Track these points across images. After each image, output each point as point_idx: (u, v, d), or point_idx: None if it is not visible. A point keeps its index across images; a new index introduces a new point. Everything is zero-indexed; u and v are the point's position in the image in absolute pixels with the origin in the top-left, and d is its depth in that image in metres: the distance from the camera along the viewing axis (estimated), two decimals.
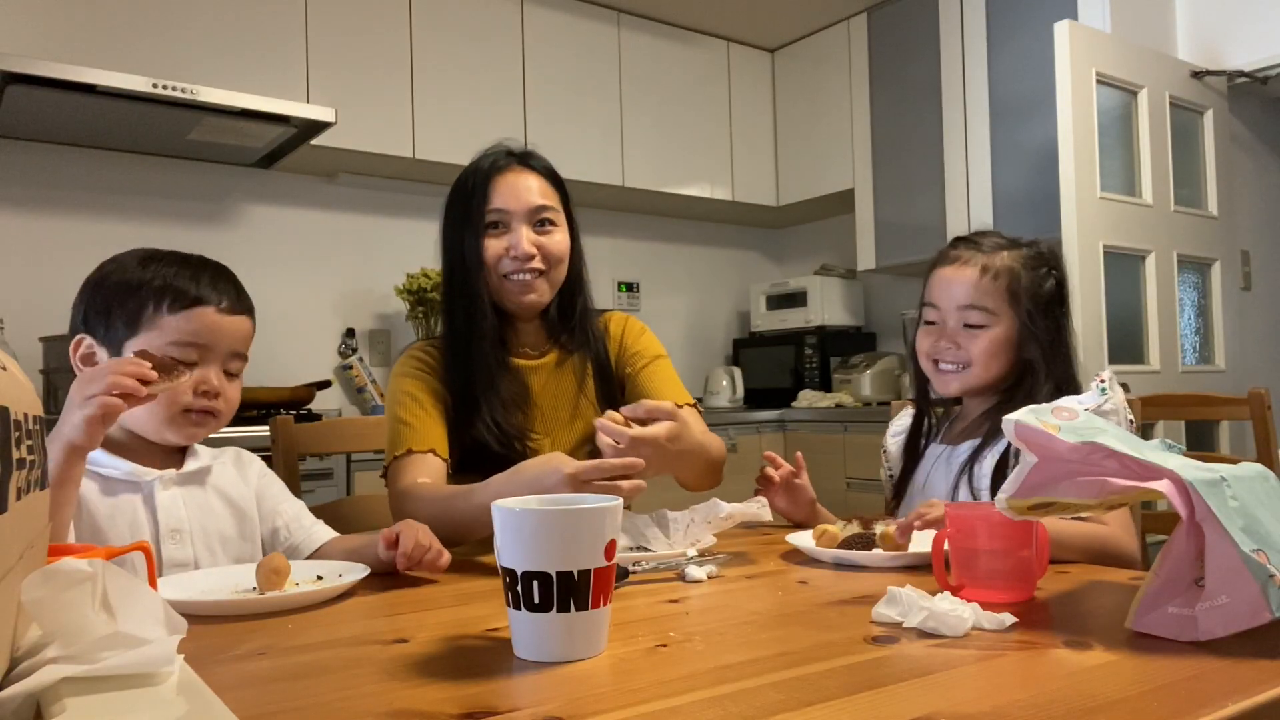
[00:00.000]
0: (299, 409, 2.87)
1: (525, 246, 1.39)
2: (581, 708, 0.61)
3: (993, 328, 1.34)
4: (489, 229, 1.40)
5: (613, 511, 0.75)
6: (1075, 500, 0.81)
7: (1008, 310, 1.35)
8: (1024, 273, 1.36)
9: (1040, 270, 1.38)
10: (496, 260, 1.40)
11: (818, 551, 1.13)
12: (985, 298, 1.34)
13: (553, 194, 1.45)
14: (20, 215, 2.81)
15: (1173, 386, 2.89)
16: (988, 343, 1.34)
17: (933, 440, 1.46)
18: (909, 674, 0.67)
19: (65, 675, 0.52)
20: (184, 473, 1.17)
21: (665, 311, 4.19)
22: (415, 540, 1.05)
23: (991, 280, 1.35)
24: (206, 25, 2.80)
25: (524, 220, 1.41)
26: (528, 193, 1.41)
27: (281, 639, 0.82)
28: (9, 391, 0.54)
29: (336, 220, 3.37)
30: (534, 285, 1.42)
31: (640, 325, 1.58)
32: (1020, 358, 1.36)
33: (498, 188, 1.41)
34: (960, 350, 1.36)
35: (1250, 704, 0.60)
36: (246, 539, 1.21)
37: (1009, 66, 3.27)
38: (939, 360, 1.38)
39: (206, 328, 1.14)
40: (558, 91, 3.52)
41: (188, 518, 1.15)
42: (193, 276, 1.15)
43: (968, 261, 1.37)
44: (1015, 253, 1.38)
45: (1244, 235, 3.41)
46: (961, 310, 1.35)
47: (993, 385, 1.38)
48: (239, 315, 1.18)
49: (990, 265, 1.36)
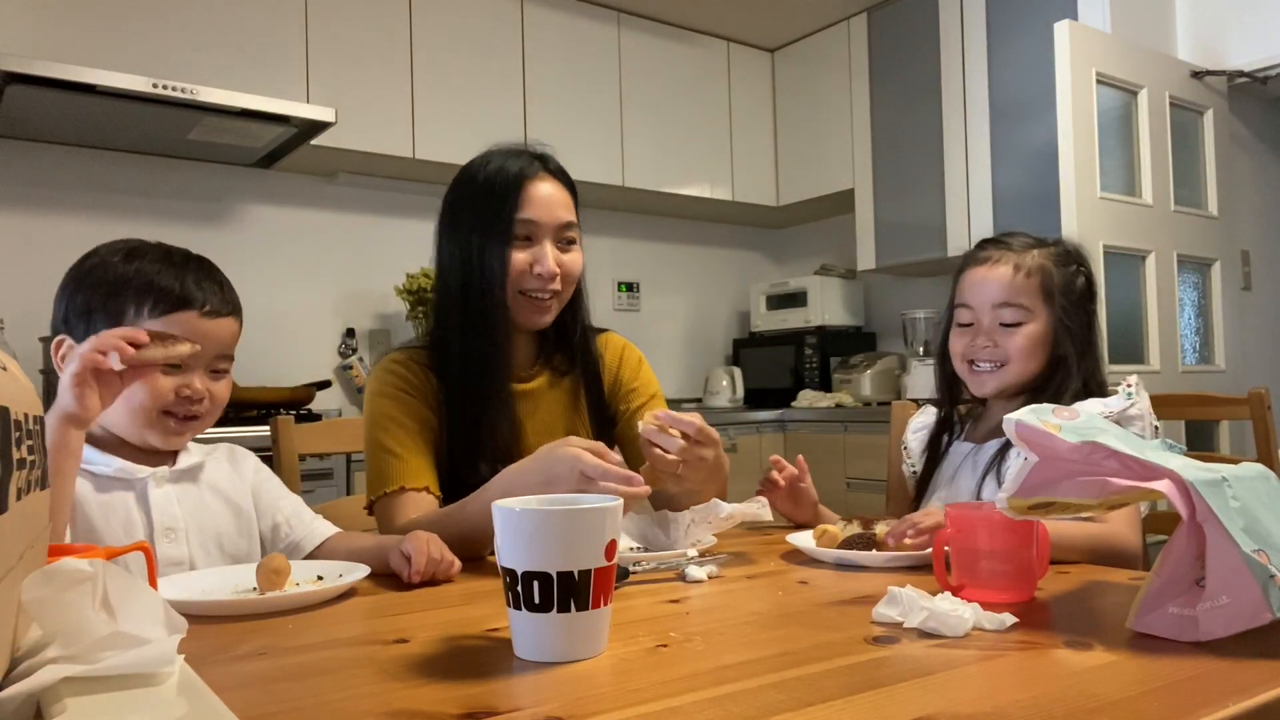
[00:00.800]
0: (299, 409, 2.87)
1: (551, 265, 1.31)
2: (581, 708, 0.61)
3: (1029, 324, 1.35)
4: (516, 240, 1.31)
5: (613, 511, 0.75)
6: (1076, 500, 0.81)
7: (1042, 307, 1.36)
8: (1056, 270, 1.37)
9: (1070, 268, 1.39)
10: (520, 274, 1.31)
11: (818, 551, 1.13)
12: (1020, 295, 1.35)
13: (573, 208, 1.37)
14: (20, 215, 2.81)
15: (1173, 386, 2.89)
16: (1024, 340, 1.35)
17: (957, 439, 1.46)
18: (909, 674, 0.67)
19: (65, 675, 0.52)
20: (177, 469, 1.16)
21: (665, 311, 4.19)
22: (426, 555, 1.04)
23: (1025, 278, 1.36)
24: (206, 25, 2.80)
25: (551, 235, 1.33)
26: (559, 208, 1.34)
27: (281, 639, 0.82)
28: (9, 391, 0.54)
29: (336, 220, 3.37)
30: (549, 306, 1.35)
31: (638, 355, 1.52)
32: (1054, 354, 1.36)
33: (530, 197, 1.31)
34: (998, 349, 1.36)
35: (1251, 704, 0.59)
36: (244, 535, 1.20)
37: (1009, 66, 3.27)
38: (975, 360, 1.38)
39: (190, 333, 1.09)
40: (558, 91, 3.52)
41: (182, 515, 1.14)
42: (176, 275, 1.12)
43: (999, 261, 1.38)
44: (1045, 250, 1.39)
45: (1244, 235, 3.41)
46: (997, 309, 1.36)
47: (1026, 384, 1.38)
48: (224, 318, 1.15)
49: (1022, 263, 1.37)
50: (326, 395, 3.17)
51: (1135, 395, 1.28)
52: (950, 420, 1.48)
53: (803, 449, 3.55)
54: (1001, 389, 1.38)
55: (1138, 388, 1.29)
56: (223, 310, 1.16)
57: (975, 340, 1.38)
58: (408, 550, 1.04)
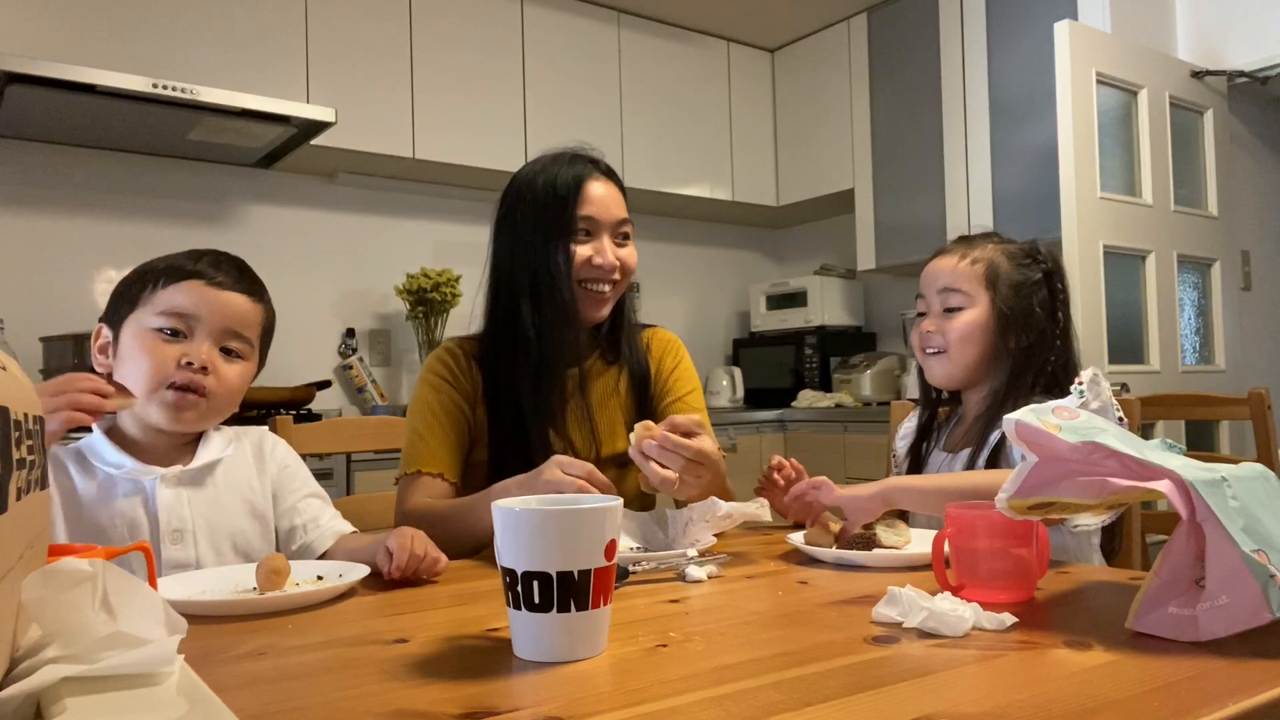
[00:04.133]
0: (299, 409, 2.87)
1: (611, 257, 1.39)
2: (581, 708, 0.61)
3: (968, 310, 1.37)
4: (578, 236, 1.38)
5: (613, 511, 0.75)
6: (1076, 500, 0.81)
7: (983, 294, 1.37)
8: (1005, 262, 1.39)
9: (1026, 263, 1.39)
10: (582, 265, 1.38)
11: (818, 551, 1.13)
12: (960, 280, 1.38)
13: (625, 207, 1.45)
14: (20, 215, 2.81)
15: (1173, 386, 2.89)
16: (961, 325, 1.37)
17: (935, 447, 1.47)
18: (909, 674, 0.67)
19: (65, 675, 0.52)
20: (189, 469, 1.14)
21: (665, 311, 4.19)
22: (409, 551, 1.03)
23: (969, 265, 1.39)
24: (206, 25, 2.80)
25: (609, 231, 1.41)
26: (615, 205, 1.42)
27: (281, 639, 0.82)
28: (9, 391, 0.54)
29: (336, 220, 3.37)
30: (607, 299, 1.42)
31: (680, 348, 1.57)
32: (1003, 348, 1.36)
33: (589, 195, 1.39)
34: (939, 335, 1.39)
35: (1250, 704, 0.59)
36: (260, 537, 1.19)
37: (1009, 66, 3.27)
38: (926, 348, 1.41)
39: (195, 299, 1.12)
40: (558, 91, 3.52)
41: (191, 517, 1.13)
42: (197, 258, 1.15)
43: (951, 252, 1.42)
44: (1002, 246, 1.42)
45: (1244, 235, 3.41)
46: (941, 294, 1.40)
47: (974, 374, 1.39)
48: (236, 292, 1.16)
49: (970, 253, 1.40)
50: (326, 395, 3.17)
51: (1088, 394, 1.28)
52: (930, 427, 1.49)
53: (803, 449, 3.56)
54: (948, 375, 1.40)
55: (1090, 384, 1.29)
56: (234, 286, 1.16)
57: (924, 327, 1.41)
58: (391, 546, 1.03)
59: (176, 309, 1.11)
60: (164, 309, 1.11)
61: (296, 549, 1.20)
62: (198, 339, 1.12)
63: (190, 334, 1.12)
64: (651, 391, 1.51)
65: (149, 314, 1.12)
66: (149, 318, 1.11)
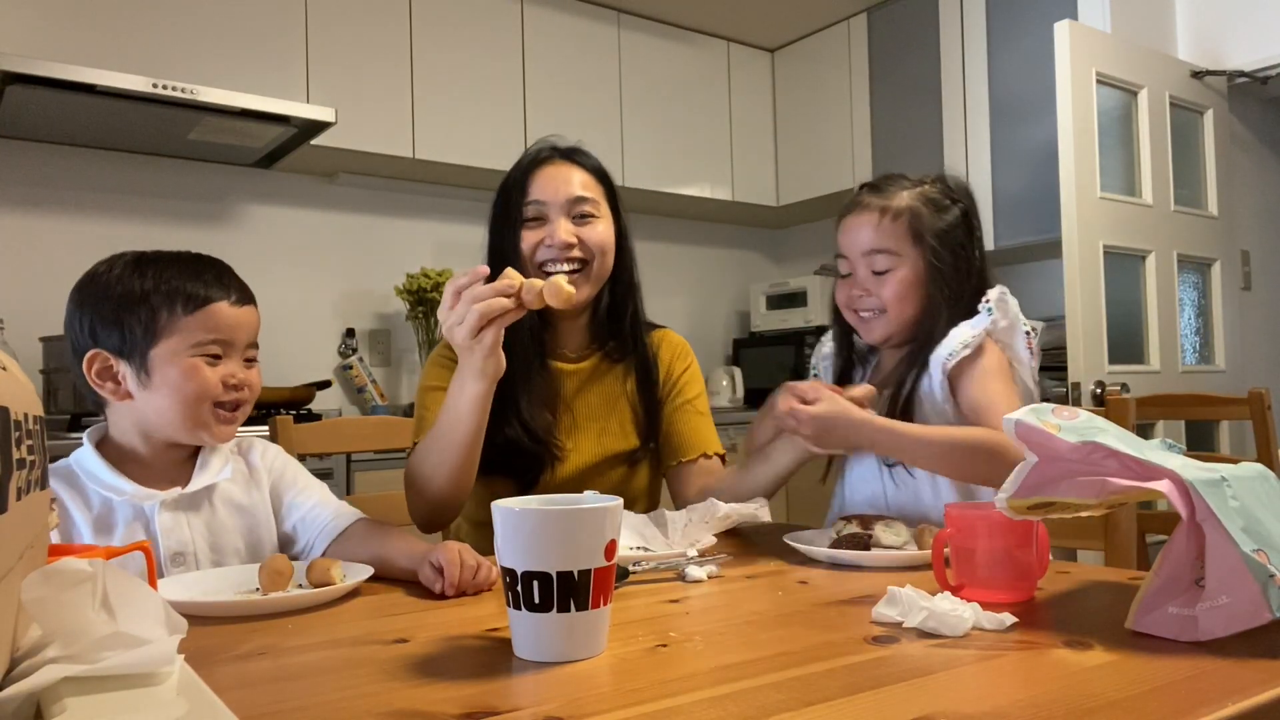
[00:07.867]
0: (299, 409, 2.87)
1: (562, 235, 1.36)
2: (581, 708, 0.61)
3: (899, 269, 1.34)
4: (527, 222, 1.38)
5: (613, 511, 0.75)
6: (1075, 500, 0.81)
7: (912, 250, 1.34)
8: (925, 209, 1.35)
9: (943, 204, 1.36)
10: (532, 251, 1.37)
11: (817, 551, 1.13)
12: (887, 239, 1.34)
13: (596, 188, 1.42)
14: (20, 215, 2.81)
15: (1173, 386, 2.89)
16: (897, 285, 1.34)
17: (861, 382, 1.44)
18: (909, 674, 0.67)
19: (65, 675, 0.52)
20: (187, 494, 1.13)
21: (665, 311, 4.18)
22: (460, 565, 0.98)
23: (891, 221, 1.34)
24: (206, 25, 2.80)
25: (562, 212, 1.38)
26: (566, 184, 1.39)
27: (282, 639, 0.82)
28: (9, 391, 0.54)
29: (336, 220, 3.37)
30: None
31: (688, 352, 1.56)
32: (939, 297, 1.34)
33: (537, 180, 1.39)
34: (873, 297, 1.35)
35: (1250, 704, 0.59)
36: (264, 545, 1.18)
37: (1009, 66, 3.27)
38: (858, 310, 1.38)
39: (225, 323, 1.13)
40: (558, 91, 3.52)
41: (192, 539, 1.12)
42: (196, 275, 1.14)
43: (868, 206, 1.36)
44: (915, 191, 1.37)
45: (1244, 235, 3.41)
46: (867, 256, 1.35)
47: (915, 327, 1.36)
48: (249, 306, 1.18)
49: (889, 207, 1.35)
50: (326, 395, 3.17)
51: (995, 311, 1.27)
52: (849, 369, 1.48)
53: None
54: (888, 333, 1.37)
55: (998, 302, 1.28)
56: (246, 300, 1.18)
57: (853, 290, 1.37)
58: (438, 560, 0.99)
59: (215, 336, 1.13)
60: (199, 339, 1.11)
61: (297, 550, 1.20)
62: (233, 357, 1.15)
63: (225, 355, 1.14)
64: (660, 393, 1.50)
65: (182, 343, 1.10)
66: (185, 346, 1.11)
